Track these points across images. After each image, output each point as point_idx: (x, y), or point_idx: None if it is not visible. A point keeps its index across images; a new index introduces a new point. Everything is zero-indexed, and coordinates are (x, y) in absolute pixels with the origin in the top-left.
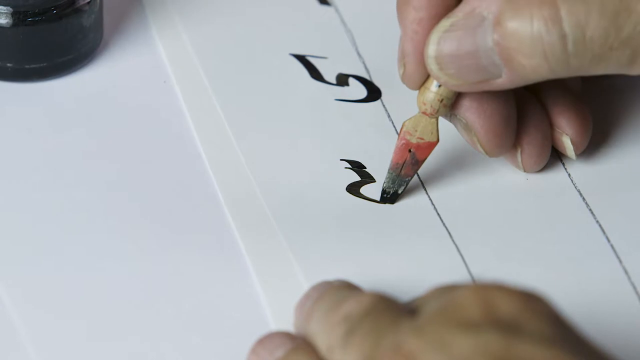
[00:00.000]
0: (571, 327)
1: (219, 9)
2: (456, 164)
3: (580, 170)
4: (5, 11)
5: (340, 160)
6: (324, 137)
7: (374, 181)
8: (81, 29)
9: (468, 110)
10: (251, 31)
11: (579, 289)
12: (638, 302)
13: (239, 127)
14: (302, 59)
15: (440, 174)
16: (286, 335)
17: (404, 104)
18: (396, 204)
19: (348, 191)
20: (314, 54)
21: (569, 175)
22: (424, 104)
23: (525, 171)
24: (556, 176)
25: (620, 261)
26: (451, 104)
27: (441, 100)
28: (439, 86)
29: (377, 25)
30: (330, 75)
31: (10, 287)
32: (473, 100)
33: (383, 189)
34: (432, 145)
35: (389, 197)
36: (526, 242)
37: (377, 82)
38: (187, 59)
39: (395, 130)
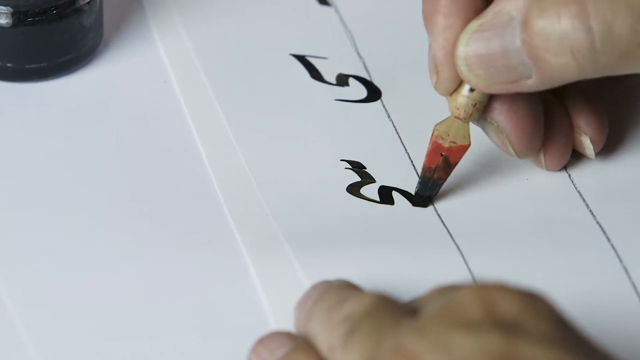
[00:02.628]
0: (572, 327)
1: (219, 8)
2: (457, 167)
3: (580, 171)
4: (6, 11)
5: (341, 160)
6: (324, 138)
7: (374, 181)
8: (81, 29)
9: (500, 113)
10: (251, 31)
11: (580, 289)
12: (638, 302)
13: (239, 127)
14: (302, 59)
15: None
16: (287, 335)
17: (404, 104)
18: (396, 204)
19: (348, 191)
20: (314, 54)
21: (569, 175)
22: (457, 109)
23: (547, 170)
24: (557, 177)
25: (621, 260)
26: (483, 108)
27: (474, 105)
28: (471, 90)
29: (377, 25)
30: (330, 76)
31: (10, 287)
32: (504, 103)
33: (416, 192)
34: (464, 149)
35: (422, 201)
36: (527, 242)
37: (377, 82)
38: (187, 58)
39: (396, 130)
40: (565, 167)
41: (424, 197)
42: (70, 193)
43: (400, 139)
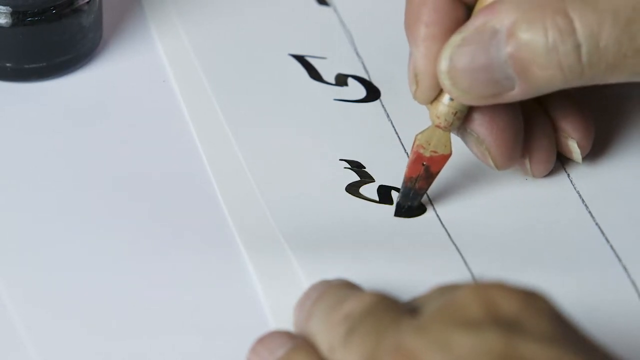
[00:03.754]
0: (572, 325)
1: (218, 9)
2: (456, 166)
3: (580, 172)
4: (5, 11)
5: (340, 160)
6: (323, 137)
7: (373, 181)
8: (80, 28)
9: (480, 125)
10: (250, 31)
11: (579, 288)
12: (638, 300)
13: (238, 127)
14: (301, 59)
15: (440, 175)
16: (287, 334)
17: (403, 104)
18: (395, 204)
19: (347, 191)
20: (313, 54)
21: (569, 175)
22: (438, 118)
23: (534, 176)
24: (556, 177)
25: (620, 260)
26: (464, 117)
27: (455, 114)
28: (452, 99)
29: (376, 25)
30: (329, 76)
31: (10, 287)
32: (484, 114)
33: (398, 203)
34: (446, 158)
35: (404, 211)
36: (526, 242)
37: (376, 82)
38: (186, 58)
39: (395, 130)
40: (564, 168)
41: (405, 207)
42: (70, 193)
43: (399, 139)
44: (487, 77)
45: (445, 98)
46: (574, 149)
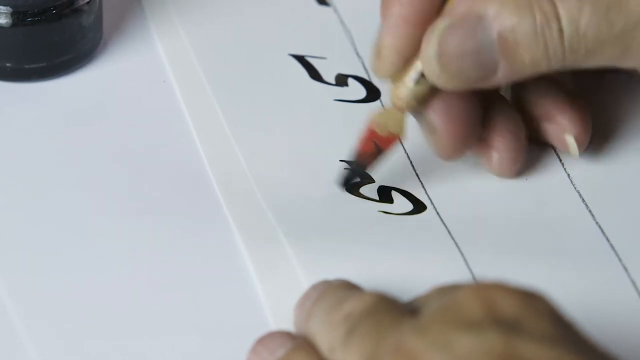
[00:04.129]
0: (572, 325)
1: (218, 9)
2: (455, 164)
3: (579, 170)
4: (5, 11)
5: (340, 160)
6: (323, 137)
7: (373, 181)
8: (80, 28)
9: (435, 111)
10: (250, 31)
11: (579, 288)
12: (638, 301)
13: (238, 127)
14: (301, 59)
15: (440, 174)
16: (287, 334)
17: None
18: (395, 203)
19: (347, 191)
20: (313, 54)
21: (568, 175)
22: (399, 99)
23: (499, 176)
24: (556, 176)
25: (620, 259)
26: (424, 101)
27: (416, 97)
28: (416, 82)
29: (375, 25)
30: (329, 76)
31: (10, 287)
32: (442, 100)
33: (343, 177)
34: (398, 139)
35: (347, 186)
36: (526, 241)
37: (376, 82)
38: (186, 58)
39: None
40: (564, 167)
41: (350, 182)
42: (69, 192)
43: (400, 142)
44: (475, 60)
45: (409, 80)
46: (572, 144)
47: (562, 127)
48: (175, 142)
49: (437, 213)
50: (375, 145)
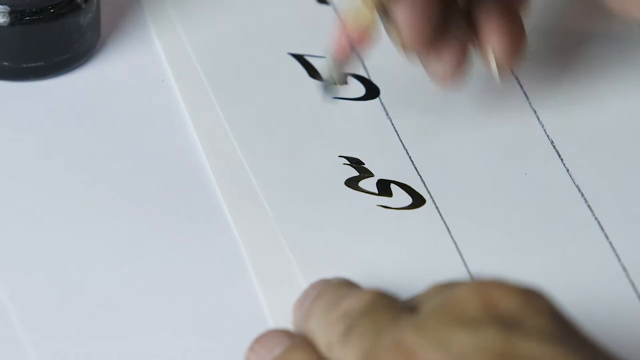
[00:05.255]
0: (571, 323)
1: (217, 8)
2: (455, 161)
3: (578, 165)
4: (3, 10)
5: (339, 156)
6: (322, 135)
7: (372, 175)
8: (79, 27)
9: (398, 4)
10: (249, 30)
11: (578, 286)
12: (637, 299)
13: (237, 126)
14: (300, 58)
15: (439, 171)
16: (285, 333)
17: (402, 101)
18: (395, 196)
19: (347, 185)
20: (313, 54)
21: (567, 170)
22: None
23: (439, 83)
24: (555, 173)
25: (619, 258)
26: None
27: None
28: None
29: None
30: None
31: (9, 287)
32: None
33: (324, 79)
34: (370, 34)
35: (329, 89)
36: (525, 239)
37: (376, 81)
38: (185, 57)
39: (394, 127)
40: (564, 163)
41: (331, 84)
42: (68, 192)
43: (399, 136)
44: None
45: None
46: (490, 59)
47: (487, 40)
48: (175, 141)
49: (436, 207)
50: (350, 43)
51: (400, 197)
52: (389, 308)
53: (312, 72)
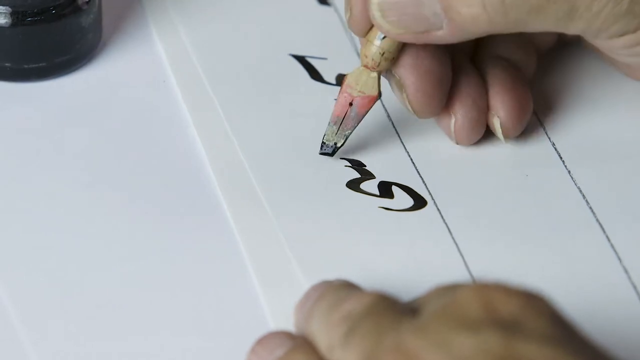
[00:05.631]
0: (571, 326)
1: (219, 9)
2: (456, 162)
3: (581, 169)
4: (4, 11)
5: (340, 159)
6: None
7: (374, 178)
8: (80, 28)
9: (403, 66)
10: (250, 31)
11: (580, 288)
12: (638, 301)
13: (238, 127)
14: (301, 59)
15: (441, 172)
16: (286, 334)
17: None
18: (396, 198)
19: (348, 187)
20: (314, 55)
21: (569, 172)
22: (366, 57)
23: (456, 143)
24: (557, 174)
25: (620, 260)
26: (393, 59)
27: (382, 54)
28: (382, 39)
29: None
30: (330, 76)
31: (10, 287)
32: (410, 57)
33: (323, 141)
34: (372, 99)
35: (328, 150)
36: (526, 241)
37: None
38: (187, 58)
39: (395, 129)
40: (565, 165)
41: (330, 146)
42: (69, 192)
43: (400, 138)
44: (416, 12)
45: (376, 38)
46: (497, 128)
47: (493, 109)
48: (176, 142)
49: (438, 209)
50: (352, 108)
51: (402, 199)
52: (390, 310)
53: (313, 73)
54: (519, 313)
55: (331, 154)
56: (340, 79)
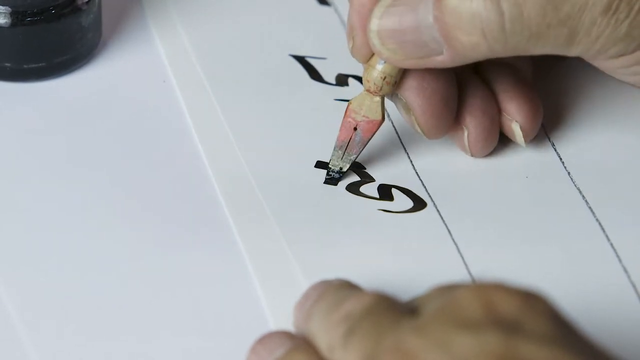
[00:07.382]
0: (571, 326)
1: (218, 9)
2: (456, 164)
3: (580, 169)
4: (4, 11)
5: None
6: (323, 138)
7: (373, 181)
8: (80, 28)
9: (408, 89)
10: (250, 31)
11: (579, 288)
12: (638, 301)
13: (238, 127)
14: (301, 60)
15: (441, 174)
16: (286, 334)
17: None
18: (396, 200)
19: (348, 190)
20: (314, 55)
21: (569, 173)
22: (368, 82)
23: (472, 155)
24: (556, 175)
25: (620, 260)
26: (395, 83)
27: (384, 78)
28: (383, 64)
29: None
30: (329, 76)
31: (10, 287)
32: (414, 79)
33: (328, 167)
34: (376, 124)
35: (333, 175)
36: (526, 241)
37: None
38: (186, 58)
39: (395, 130)
40: (564, 165)
41: (336, 171)
42: (69, 193)
43: (400, 139)
44: (415, 39)
45: (378, 63)
46: (517, 132)
47: (510, 115)
48: (175, 142)
49: (437, 210)
50: (357, 133)
51: (401, 201)
52: (390, 310)
53: (313, 73)
54: (519, 313)
55: (335, 183)
56: (340, 79)
